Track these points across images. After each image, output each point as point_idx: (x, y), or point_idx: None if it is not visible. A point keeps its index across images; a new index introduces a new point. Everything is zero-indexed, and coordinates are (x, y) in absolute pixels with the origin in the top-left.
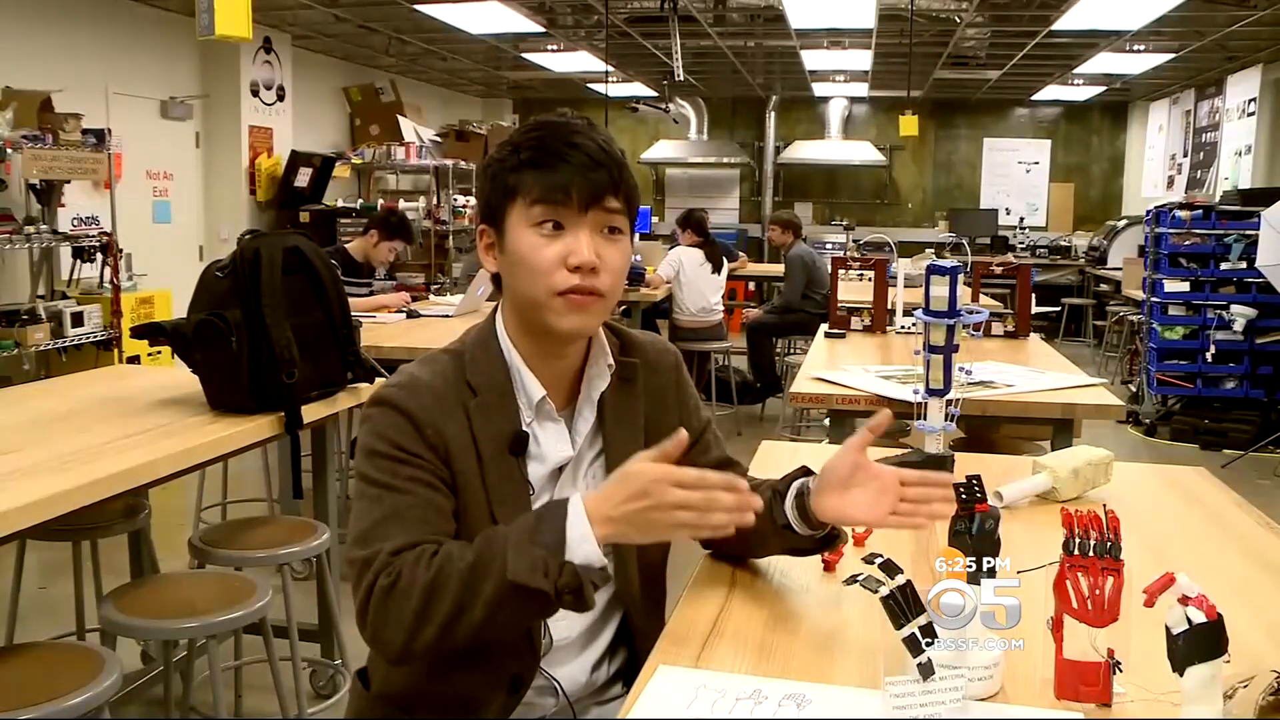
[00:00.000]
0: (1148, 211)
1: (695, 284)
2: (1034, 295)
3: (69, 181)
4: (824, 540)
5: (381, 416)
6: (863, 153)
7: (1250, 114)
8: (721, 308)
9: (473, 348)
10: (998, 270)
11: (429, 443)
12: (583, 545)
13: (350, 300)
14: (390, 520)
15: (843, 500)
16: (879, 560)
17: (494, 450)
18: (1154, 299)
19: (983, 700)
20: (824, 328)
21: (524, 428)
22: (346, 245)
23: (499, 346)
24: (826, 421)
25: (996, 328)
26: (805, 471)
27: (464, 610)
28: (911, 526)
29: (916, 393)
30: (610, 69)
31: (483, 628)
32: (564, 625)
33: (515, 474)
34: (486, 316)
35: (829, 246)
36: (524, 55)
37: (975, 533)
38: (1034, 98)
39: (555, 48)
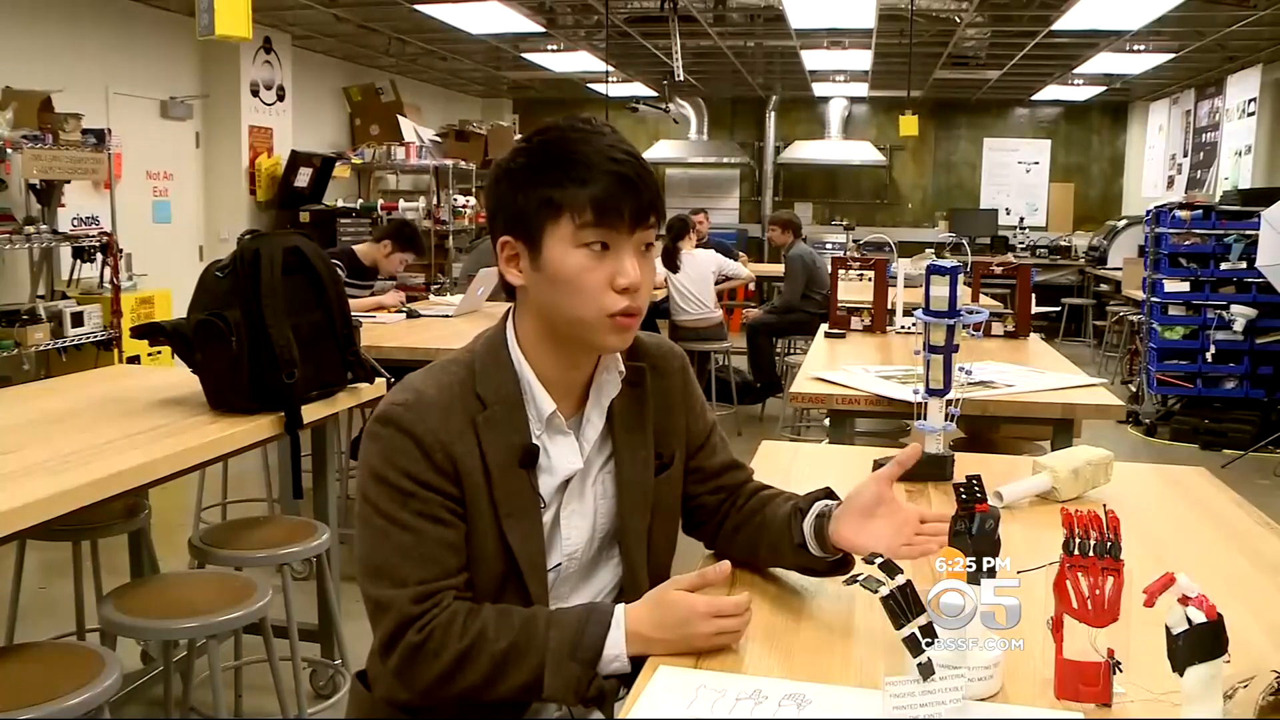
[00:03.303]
0: (1148, 211)
1: (677, 285)
2: (1034, 295)
3: (69, 181)
4: (836, 564)
5: (389, 439)
6: (863, 153)
7: (1250, 114)
8: (715, 307)
9: (483, 357)
10: (998, 270)
11: (438, 467)
12: (613, 664)
13: (349, 301)
14: (400, 558)
15: (860, 530)
16: (879, 560)
17: (503, 463)
18: (1154, 299)
19: (983, 700)
20: (824, 328)
21: (533, 440)
22: (354, 248)
23: (510, 357)
24: (826, 421)
25: (996, 328)
26: (829, 493)
27: (489, 685)
28: (917, 555)
29: (916, 393)
30: (610, 69)
31: (497, 697)
32: None
33: (525, 487)
34: (496, 324)
35: (829, 246)
36: (524, 55)
37: (975, 533)
38: (1034, 98)
39: (555, 48)
